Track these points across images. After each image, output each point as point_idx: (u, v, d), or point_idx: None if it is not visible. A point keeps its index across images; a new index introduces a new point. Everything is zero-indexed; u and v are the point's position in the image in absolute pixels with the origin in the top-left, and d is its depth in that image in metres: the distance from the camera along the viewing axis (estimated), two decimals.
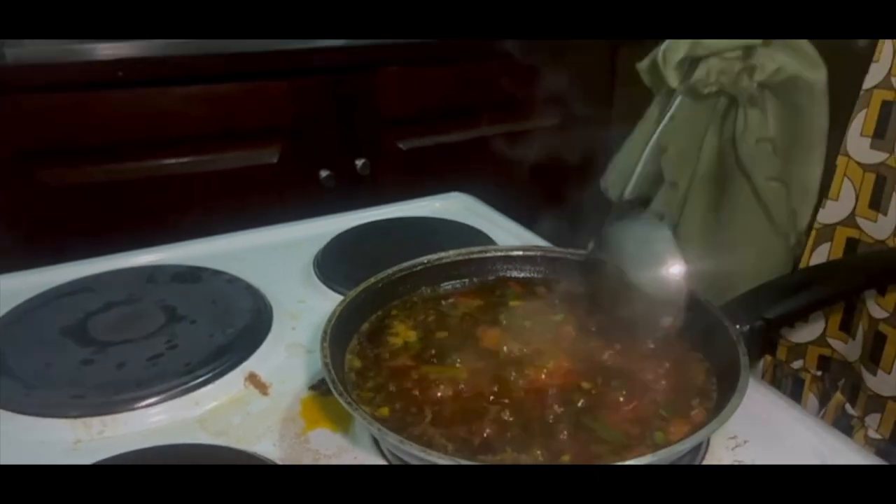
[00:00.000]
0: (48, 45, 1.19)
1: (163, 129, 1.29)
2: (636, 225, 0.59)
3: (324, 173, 1.39)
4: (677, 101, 0.66)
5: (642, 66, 0.69)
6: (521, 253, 0.62)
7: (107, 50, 1.21)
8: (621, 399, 0.48)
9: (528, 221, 0.83)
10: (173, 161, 1.31)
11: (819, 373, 0.76)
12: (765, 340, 0.54)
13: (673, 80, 0.64)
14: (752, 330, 0.52)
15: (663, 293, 0.53)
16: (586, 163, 1.69)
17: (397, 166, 1.46)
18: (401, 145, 1.46)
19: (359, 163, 1.42)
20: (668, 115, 0.67)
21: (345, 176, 1.41)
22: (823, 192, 0.71)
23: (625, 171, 0.71)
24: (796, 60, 0.65)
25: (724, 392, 0.47)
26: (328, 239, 0.77)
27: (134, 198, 1.30)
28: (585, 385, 0.50)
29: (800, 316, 0.67)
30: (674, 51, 0.63)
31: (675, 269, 0.52)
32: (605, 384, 0.49)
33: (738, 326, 0.51)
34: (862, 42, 0.71)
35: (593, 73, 1.61)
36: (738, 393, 0.44)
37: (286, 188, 1.37)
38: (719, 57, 0.63)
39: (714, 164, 0.71)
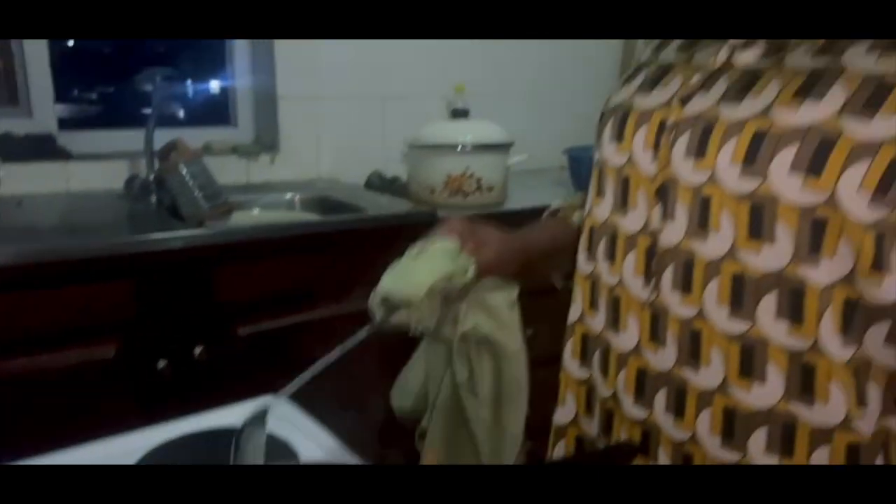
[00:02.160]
0: None
1: None
2: (252, 430, 0.66)
3: (161, 363, 1.46)
4: (422, 343, 0.77)
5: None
6: None
7: None
8: None
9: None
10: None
11: None
12: None
13: (377, 315, 0.70)
14: None
15: None
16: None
17: (235, 351, 1.55)
18: (239, 332, 1.57)
19: (197, 350, 1.51)
20: (416, 354, 0.79)
21: (183, 364, 1.48)
22: None
23: (403, 395, 0.81)
24: (490, 323, 0.73)
25: None
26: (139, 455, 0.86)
27: None
28: None
29: None
30: (376, 292, 0.70)
31: None
32: None
33: None
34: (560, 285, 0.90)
35: None
36: None
37: (123, 381, 1.42)
38: (410, 308, 0.69)
39: (448, 398, 0.78)
